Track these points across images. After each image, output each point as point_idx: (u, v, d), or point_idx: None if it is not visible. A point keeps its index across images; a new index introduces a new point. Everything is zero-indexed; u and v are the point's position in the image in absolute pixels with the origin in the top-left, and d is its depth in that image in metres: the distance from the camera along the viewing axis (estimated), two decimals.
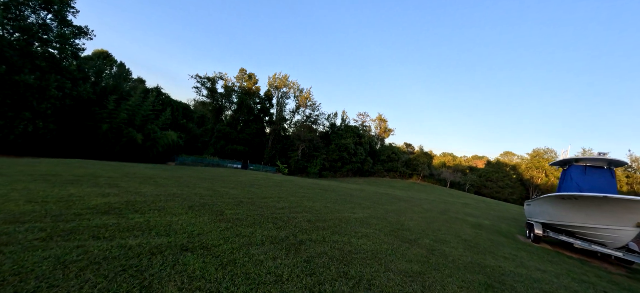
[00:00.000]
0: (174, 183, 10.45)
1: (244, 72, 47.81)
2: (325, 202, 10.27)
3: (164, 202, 6.59)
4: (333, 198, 11.90)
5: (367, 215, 8.62)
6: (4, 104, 20.32)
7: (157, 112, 30.22)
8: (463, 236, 7.80)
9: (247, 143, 45.68)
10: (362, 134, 58.94)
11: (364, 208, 10.30)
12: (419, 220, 9.54)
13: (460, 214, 14.30)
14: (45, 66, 22.91)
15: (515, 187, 66.59)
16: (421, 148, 76.62)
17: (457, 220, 11.39)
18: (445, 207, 16.81)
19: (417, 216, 10.56)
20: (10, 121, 20.60)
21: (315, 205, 9.11)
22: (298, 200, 9.92)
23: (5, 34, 21.70)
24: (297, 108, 51.31)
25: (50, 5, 23.85)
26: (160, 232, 4.17)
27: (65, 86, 23.30)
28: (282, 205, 8.18)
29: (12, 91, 20.47)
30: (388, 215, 9.35)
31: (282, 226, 5.54)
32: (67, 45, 24.88)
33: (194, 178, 13.14)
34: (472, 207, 20.96)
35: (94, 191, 7.05)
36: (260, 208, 7.23)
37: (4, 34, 21.52)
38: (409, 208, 12.56)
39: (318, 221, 6.61)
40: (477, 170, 72.41)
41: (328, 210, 8.44)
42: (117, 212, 5.17)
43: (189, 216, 5.43)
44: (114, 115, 25.23)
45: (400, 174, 65.70)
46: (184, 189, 9.08)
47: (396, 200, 15.98)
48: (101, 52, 45.35)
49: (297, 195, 11.40)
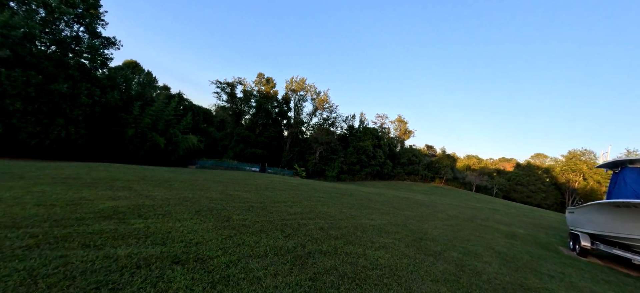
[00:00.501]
0: (188, 186, 10.35)
1: (262, 77, 48.45)
2: (341, 207, 9.70)
3: (171, 206, 6.38)
4: (350, 202, 11.30)
5: (386, 222, 7.94)
6: (40, 112, 21.75)
7: (179, 117, 31.19)
8: (496, 247, 6.90)
9: (266, 147, 46.08)
10: (381, 137, 57.49)
11: (382, 213, 9.61)
12: (444, 228, 8.69)
13: (490, 221, 13.11)
14: (77, 75, 24.35)
15: (549, 191, 61.84)
16: (444, 150, 73.51)
17: (487, 229, 10.34)
18: (473, 213, 15.57)
19: (442, 223, 9.68)
20: (45, 127, 22.01)
21: (330, 210, 8.58)
22: (312, 204, 9.44)
23: (42, 47, 23.36)
24: (314, 111, 51.12)
25: (82, 20, 25.43)
26: (156, 240, 3.84)
27: (95, 93, 24.60)
28: (294, 210, 7.73)
29: (47, 100, 21.88)
30: (409, 222, 8.60)
31: (291, 235, 5.06)
32: (97, 55, 26.36)
33: (209, 181, 13.08)
34: (503, 213, 19.37)
35: (106, 194, 7.00)
36: (270, 214, 6.82)
37: (41, 46, 23.16)
38: (432, 214, 11.64)
39: (331, 228, 6.07)
40: (506, 173, 68.17)
41: (343, 216, 7.88)
42: (120, 217, 4.96)
43: (193, 222, 5.12)
44: (139, 120, 26.28)
45: (422, 178, 63.29)
46: (196, 192, 8.91)
47: (418, 204, 15.02)
48: (131, 62, 48.14)
49: (312, 199, 10.92)
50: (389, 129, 66.73)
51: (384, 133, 62.02)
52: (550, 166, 68.60)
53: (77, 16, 24.95)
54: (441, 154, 69.30)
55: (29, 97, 20.97)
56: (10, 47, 19.68)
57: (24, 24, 20.27)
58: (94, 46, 25.70)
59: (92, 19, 26.23)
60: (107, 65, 27.48)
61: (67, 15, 23.50)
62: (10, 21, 19.33)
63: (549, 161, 71.93)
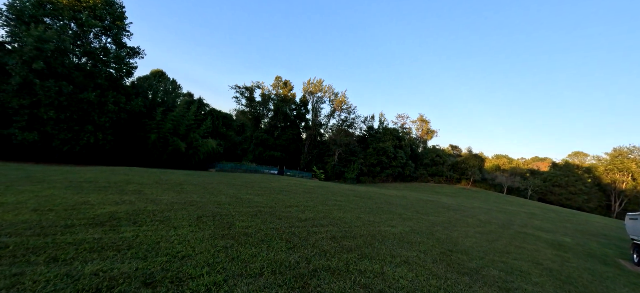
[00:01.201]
0: (200, 189, 10.06)
1: (280, 80, 48.63)
2: (358, 212, 8.91)
3: (173, 211, 5.97)
4: (368, 206, 10.45)
5: (409, 229, 7.05)
6: (71, 120, 22.98)
7: (199, 121, 31.85)
8: (544, 262, 5.78)
9: (284, 149, 46.03)
10: (402, 137, 55.44)
11: (404, 219, 8.68)
12: (476, 236, 7.62)
13: (528, 228, 11.65)
14: (105, 84, 25.55)
15: (591, 193, 56.30)
16: (469, 149, 69.53)
17: (527, 237, 9.05)
18: (507, 218, 14.04)
19: (474, 231, 8.56)
20: (76, 134, 23.21)
21: (345, 216, 7.83)
22: (327, 209, 8.74)
23: (73, 58, 24.75)
24: (332, 112, 50.39)
25: (109, 31, 26.71)
26: (138, 253, 3.34)
27: (120, 101, 25.66)
28: (305, 216, 7.07)
29: (77, 108, 23.07)
30: (435, 230, 7.63)
31: (297, 246, 4.40)
32: (123, 64, 27.56)
33: (223, 184, 12.81)
34: (541, 218, 17.46)
35: (111, 198, 6.77)
36: (278, 220, 6.21)
37: (72, 58, 24.54)
38: (461, 220, 10.48)
39: (345, 238, 5.33)
40: (540, 174, 63.12)
41: (360, 223, 7.09)
42: (113, 224, 4.58)
43: (189, 231, 4.62)
44: (161, 126, 27.05)
45: (447, 179, 60.19)
46: (206, 196, 8.55)
47: (444, 208, 13.79)
48: (157, 71, 50.55)
49: (328, 203, 10.22)
50: (410, 129, 64.34)
51: (404, 133, 59.86)
52: (593, 165, 62.56)
53: (104, 28, 26.24)
54: (467, 154, 65.61)
55: (61, 106, 22.20)
56: (44, 60, 20.94)
57: (57, 37, 21.50)
58: (119, 56, 26.87)
59: (118, 30, 27.49)
60: (132, 73, 28.65)
61: (95, 27, 24.76)
62: (44, 35, 20.59)
63: (590, 160, 65.70)
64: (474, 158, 61.09)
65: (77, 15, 23.72)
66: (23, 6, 22.12)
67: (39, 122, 21.58)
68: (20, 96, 20.72)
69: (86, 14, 23.98)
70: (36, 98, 21.13)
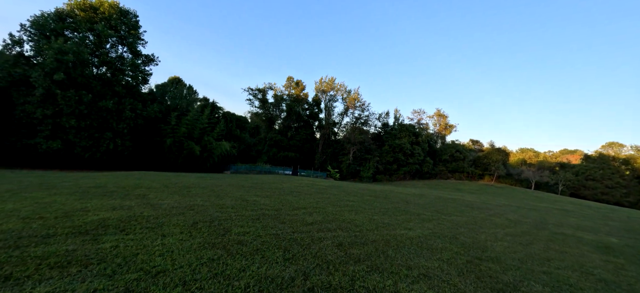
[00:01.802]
0: (207, 192, 9.74)
1: (292, 80, 48.42)
2: (371, 213, 8.21)
3: (170, 217, 5.58)
4: (383, 207, 9.70)
5: (428, 233, 6.28)
6: (91, 127, 23.78)
7: (213, 124, 32.18)
8: (594, 271, 4.84)
9: (298, 149, 45.77)
10: (419, 133, 53.52)
11: (423, 220, 7.88)
12: (507, 239, 6.70)
13: (565, 227, 10.41)
14: (122, 92, 26.30)
15: (630, 187, 51.75)
16: (492, 144, 66.06)
17: (567, 239, 7.95)
18: (540, 217, 12.74)
19: (503, 232, 7.61)
20: (96, 141, 24.01)
21: (357, 218, 7.17)
22: (338, 211, 8.11)
23: (93, 68, 25.64)
24: (345, 110, 49.52)
25: (124, 41, 27.48)
26: (106, 269, 2.89)
27: (137, 107, 26.32)
28: (313, 219, 6.49)
29: (97, 115, 23.85)
30: (459, 232, 6.79)
31: (296, 256, 3.82)
32: (139, 72, 28.29)
33: (233, 186, 12.48)
34: (577, 215, 15.84)
35: (111, 203, 6.52)
36: (281, 225, 5.66)
37: (91, 68, 25.41)
38: (487, 220, 9.48)
39: (354, 244, 4.69)
40: (571, 167, 58.85)
41: (373, 225, 6.41)
42: (97, 233, 4.21)
43: (178, 239, 4.16)
44: (176, 130, 27.50)
45: (468, 176, 57.53)
46: (210, 199, 8.17)
47: (467, 207, 12.73)
48: (174, 78, 52.06)
49: (339, 204, 9.57)
50: (427, 124, 62.14)
51: (421, 129, 57.87)
52: (631, 156, 57.55)
53: (120, 38, 27.04)
54: (490, 148, 62.38)
55: (81, 115, 23.01)
56: (64, 71, 21.76)
57: (75, 49, 22.29)
58: (135, 64, 27.58)
59: (133, 39, 28.25)
60: (148, 80, 29.37)
61: (111, 37, 25.52)
62: (63, 47, 21.39)
63: (626, 151, 60.44)
64: (497, 152, 57.98)
65: (94, 27, 24.51)
66: (45, 21, 23.15)
67: (62, 130, 22.48)
68: (43, 106, 21.66)
69: (102, 25, 24.74)
70: (58, 108, 22.01)
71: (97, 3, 25.77)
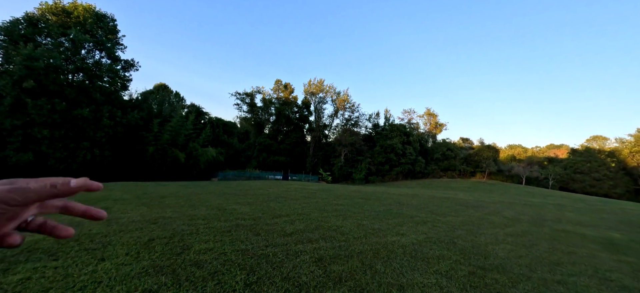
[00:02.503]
0: (183, 202, 8.87)
1: (280, 83, 47.64)
2: (360, 217, 7.52)
3: (122, 234, 4.74)
4: (374, 210, 9.03)
5: (423, 238, 5.62)
6: (66, 137, 22.43)
7: (199, 130, 31.06)
8: (612, 276, 4.26)
9: (288, 154, 44.90)
10: (410, 132, 53.44)
11: (417, 223, 7.24)
12: (509, 241, 6.12)
13: (564, 223, 9.97)
14: (100, 99, 25.02)
15: (617, 178, 52.92)
16: (481, 141, 66.68)
17: (570, 236, 7.45)
18: (536, 213, 12.32)
19: (503, 233, 7.04)
20: (72, 151, 22.65)
21: (344, 224, 6.46)
22: (323, 217, 7.39)
23: (68, 75, 24.31)
24: (335, 112, 49.00)
25: (101, 46, 26.26)
26: None
27: (116, 115, 25.07)
28: (293, 228, 5.75)
29: (72, 124, 22.52)
30: (456, 235, 6.17)
31: (261, 279, 3.08)
32: (117, 78, 27.05)
33: (214, 194, 11.58)
34: (572, 209, 15.58)
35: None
36: (255, 237, 4.91)
37: (67, 74, 24.10)
38: (484, 219, 8.92)
39: (336, 259, 3.97)
40: (559, 161, 59.86)
41: (361, 233, 5.71)
42: (19, 259, 3.37)
43: (118, 263, 3.36)
44: (159, 137, 26.32)
45: (460, 174, 57.73)
46: (182, 210, 7.33)
47: (462, 206, 12.20)
48: (160, 85, 50.48)
49: (327, 209, 8.85)
50: (418, 124, 62.30)
51: (412, 129, 57.89)
52: (616, 149, 58.97)
53: (97, 43, 25.81)
54: (480, 146, 62.91)
55: (55, 124, 21.67)
56: (35, 78, 20.45)
57: (47, 55, 21.01)
58: (113, 70, 26.36)
59: (111, 44, 27.06)
60: (128, 87, 28.14)
61: (86, 42, 24.28)
62: (33, 53, 20.11)
63: (610, 144, 62.00)
64: (488, 149, 58.49)
65: (67, 31, 23.28)
66: (13, 27, 21.81)
67: (34, 141, 21.07)
68: (13, 116, 20.26)
69: (76, 30, 23.52)
70: (29, 118, 20.64)
71: (71, 7, 24.55)
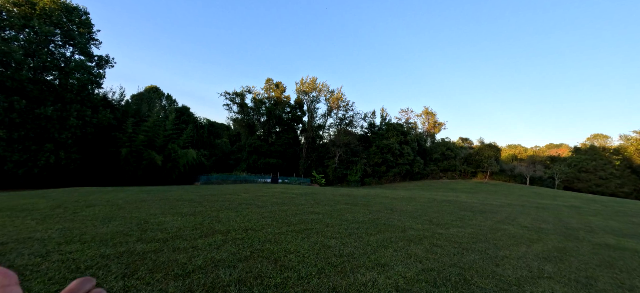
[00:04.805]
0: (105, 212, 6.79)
1: (271, 82, 45.55)
2: (330, 234, 5.43)
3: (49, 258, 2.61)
4: (355, 220, 6.94)
5: (415, 272, 3.53)
6: (27, 138, 20.25)
7: (180, 130, 28.93)
8: None
9: (280, 155, 42.74)
10: (408, 132, 51.32)
11: (409, 241, 5.15)
12: (550, 272, 4.04)
13: (598, 233, 7.91)
14: (69, 97, 22.88)
15: (624, 177, 50.92)
16: (482, 140, 64.70)
17: (624, 256, 5.38)
18: (555, 218, 10.23)
19: (532, 252, 4.95)
20: (33, 154, 20.45)
21: (300, 247, 4.39)
22: (278, 233, 5.31)
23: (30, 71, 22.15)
24: (329, 111, 46.96)
25: (72, 41, 24.16)
26: None
27: (85, 114, 22.93)
28: (219, 256, 3.66)
29: (34, 125, 20.35)
30: (468, 264, 4.08)
31: None
32: (90, 75, 24.93)
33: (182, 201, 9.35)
34: (591, 212, 13.52)
35: None
36: (128, 280, 2.81)
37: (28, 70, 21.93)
38: (498, 230, 6.84)
39: None
40: (563, 160, 57.90)
41: (319, 263, 3.62)
42: None
43: None
44: (133, 138, 24.17)
45: (461, 174, 55.63)
46: (85, 225, 5.23)
47: (467, 211, 10.12)
48: (152, 87, 48.39)
49: (292, 221, 6.75)
50: (416, 123, 60.29)
51: (410, 128, 55.82)
52: (621, 146, 57.06)
53: (66, 36, 23.72)
54: (481, 145, 60.90)
55: (13, 124, 19.50)
56: None
57: (4, 48, 18.92)
58: (84, 66, 24.26)
59: (84, 39, 24.99)
60: (101, 84, 26.03)
61: (50, 35, 22.18)
62: None
63: (611, 141, 60.04)
64: (489, 148, 56.46)
65: (30, 23, 21.18)
66: None
67: None
68: None
69: (40, 22, 21.43)
70: None
71: None
